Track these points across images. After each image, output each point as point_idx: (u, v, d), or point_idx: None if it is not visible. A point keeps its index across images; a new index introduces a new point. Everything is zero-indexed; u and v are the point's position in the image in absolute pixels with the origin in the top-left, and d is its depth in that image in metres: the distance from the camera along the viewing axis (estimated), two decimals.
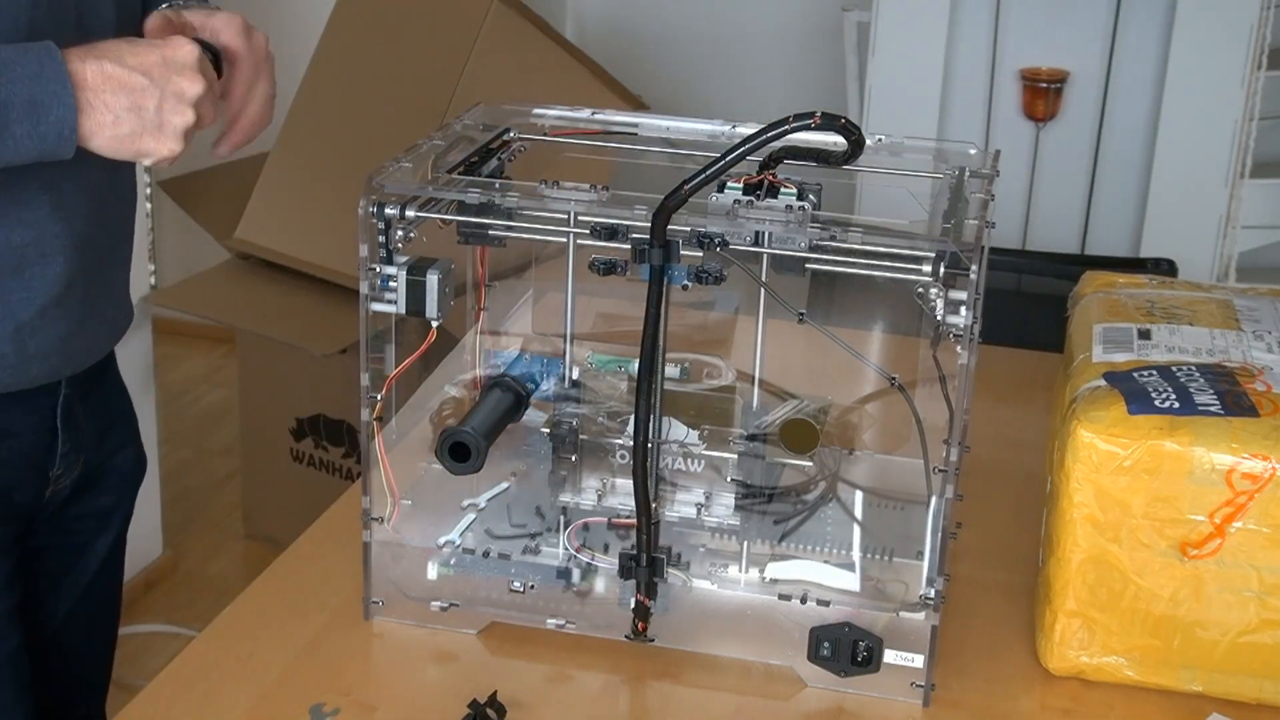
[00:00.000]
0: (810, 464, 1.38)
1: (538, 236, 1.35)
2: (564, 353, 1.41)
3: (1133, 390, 1.32)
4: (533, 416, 1.43)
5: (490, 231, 1.35)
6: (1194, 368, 1.36)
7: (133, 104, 1.22)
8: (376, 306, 1.34)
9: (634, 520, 1.32)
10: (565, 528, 1.41)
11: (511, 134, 1.52)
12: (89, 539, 1.48)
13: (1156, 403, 1.30)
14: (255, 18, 1.45)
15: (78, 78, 1.19)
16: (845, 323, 1.37)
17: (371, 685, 1.34)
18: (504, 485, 1.45)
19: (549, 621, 1.39)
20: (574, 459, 1.41)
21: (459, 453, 1.32)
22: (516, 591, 1.39)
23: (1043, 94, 3.48)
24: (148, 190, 3.32)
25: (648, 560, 1.32)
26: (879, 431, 1.49)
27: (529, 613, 1.39)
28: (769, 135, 1.21)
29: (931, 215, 1.34)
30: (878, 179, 1.48)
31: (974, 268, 1.23)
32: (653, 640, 1.36)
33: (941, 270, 1.23)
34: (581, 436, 1.41)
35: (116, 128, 1.21)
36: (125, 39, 1.26)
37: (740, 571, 1.38)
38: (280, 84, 1.49)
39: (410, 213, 1.32)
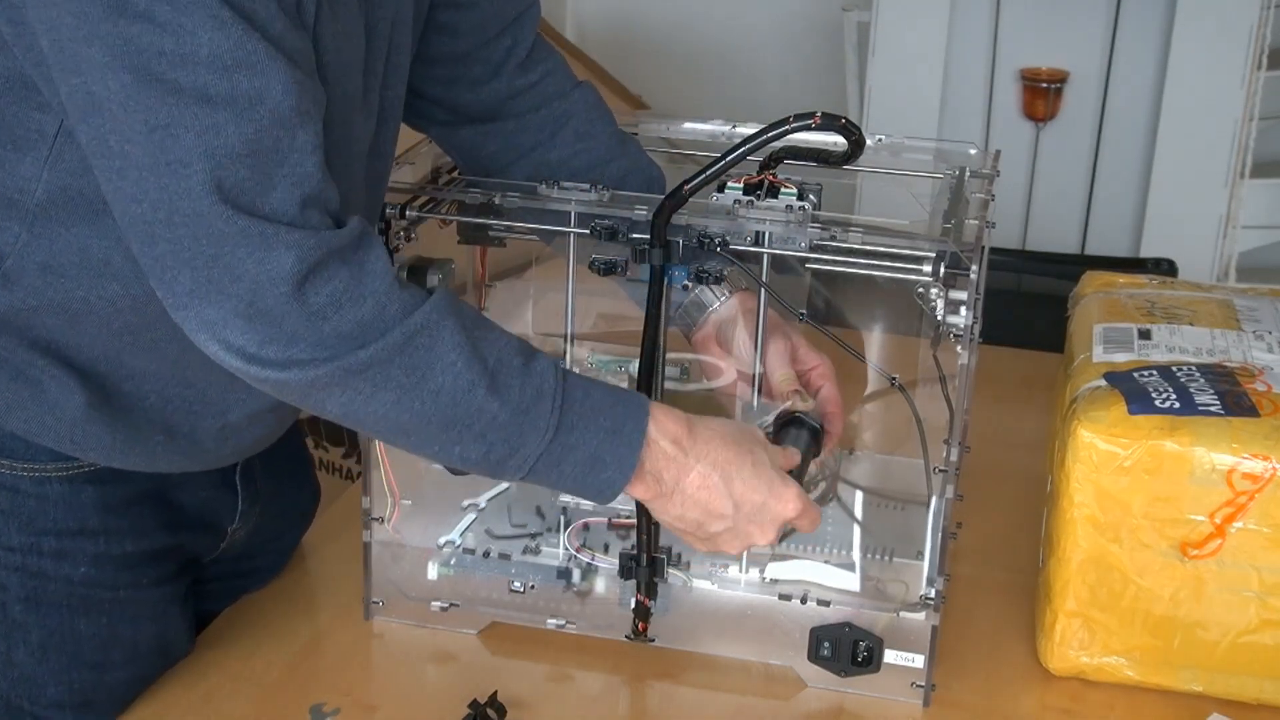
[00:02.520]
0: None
1: (538, 237, 1.34)
2: (564, 353, 1.41)
3: (1133, 390, 1.32)
4: None
5: (490, 231, 1.35)
6: (1194, 368, 1.36)
7: (703, 520, 1.19)
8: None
9: (634, 520, 1.32)
10: (565, 528, 1.41)
11: None
12: (264, 572, 1.46)
13: (1157, 403, 1.30)
14: None
15: (669, 465, 1.16)
16: (845, 323, 1.37)
17: (371, 685, 1.34)
18: (504, 485, 1.45)
19: (549, 622, 1.39)
20: None
21: None
22: (517, 592, 1.39)
23: (1043, 94, 3.48)
24: None
25: (648, 560, 1.32)
26: (879, 431, 1.49)
27: (529, 613, 1.39)
28: (769, 135, 1.21)
29: (931, 215, 1.34)
30: (878, 179, 1.48)
31: (974, 268, 1.23)
32: (653, 640, 1.36)
33: (941, 270, 1.23)
34: None
35: (677, 522, 1.20)
36: (752, 441, 1.21)
37: (740, 571, 1.38)
38: None
39: (411, 212, 1.32)
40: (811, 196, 1.34)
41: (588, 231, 1.29)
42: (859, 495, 1.46)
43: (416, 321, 1.06)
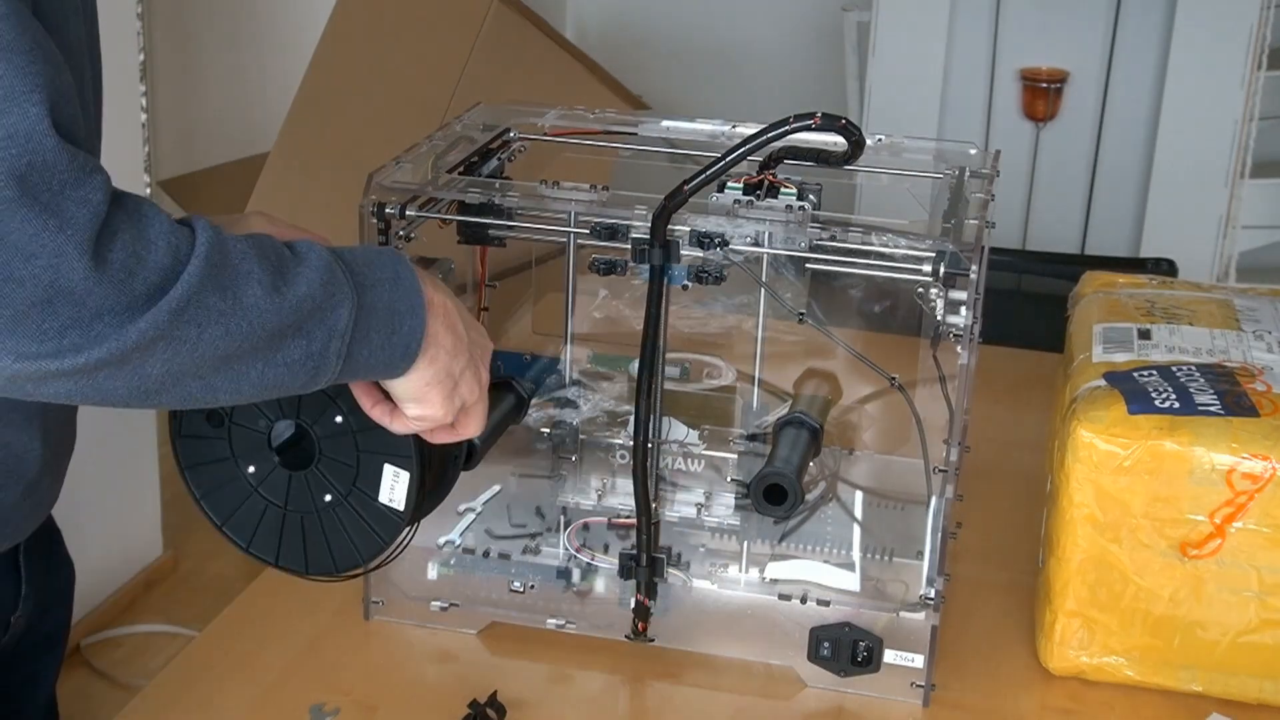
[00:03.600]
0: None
1: (538, 237, 1.35)
2: (564, 353, 1.41)
3: (1133, 390, 1.32)
4: (533, 416, 1.43)
5: (490, 231, 1.35)
6: (1194, 368, 1.36)
7: (452, 350, 1.12)
8: None
9: (634, 520, 1.32)
10: (565, 528, 1.41)
11: (511, 134, 1.52)
12: (38, 667, 1.34)
13: (1156, 403, 1.30)
14: (256, 18, 1.44)
15: (426, 297, 1.09)
16: (845, 323, 1.37)
17: (371, 685, 1.34)
18: (496, 488, 1.45)
19: (549, 621, 1.39)
20: (574, 459, 1.41)
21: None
22: (516, 591, 1.39)
23: (1043, 94, 3.49)
24: (148, 190, 3.32)
25: (648, 560, 1.33)
26: (879, 431, 1.49)
27: (529, 613, 1.39)
28: (769, 135, 1.21)
29: (931, 215, 1.34)
30: (878, 179, 1.48)
31: (974, 268, 1.23)
32: (653, 640, 1.36)
33: (941, 270, 1.23)
34: (581, 436, 1.41)
35: (434, 364, 1.11)
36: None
37: (740, 571, 1.38)
38: (280, 84, 1.49)
39: (410, 212, 1.32)
40: (811, 196, 1.34)
41: (588, 231, 1.29)
42: (859, 495, 1.46)
43: (204, 242, 0.96)
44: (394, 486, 1.18)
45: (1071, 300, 1.63)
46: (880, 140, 1.48)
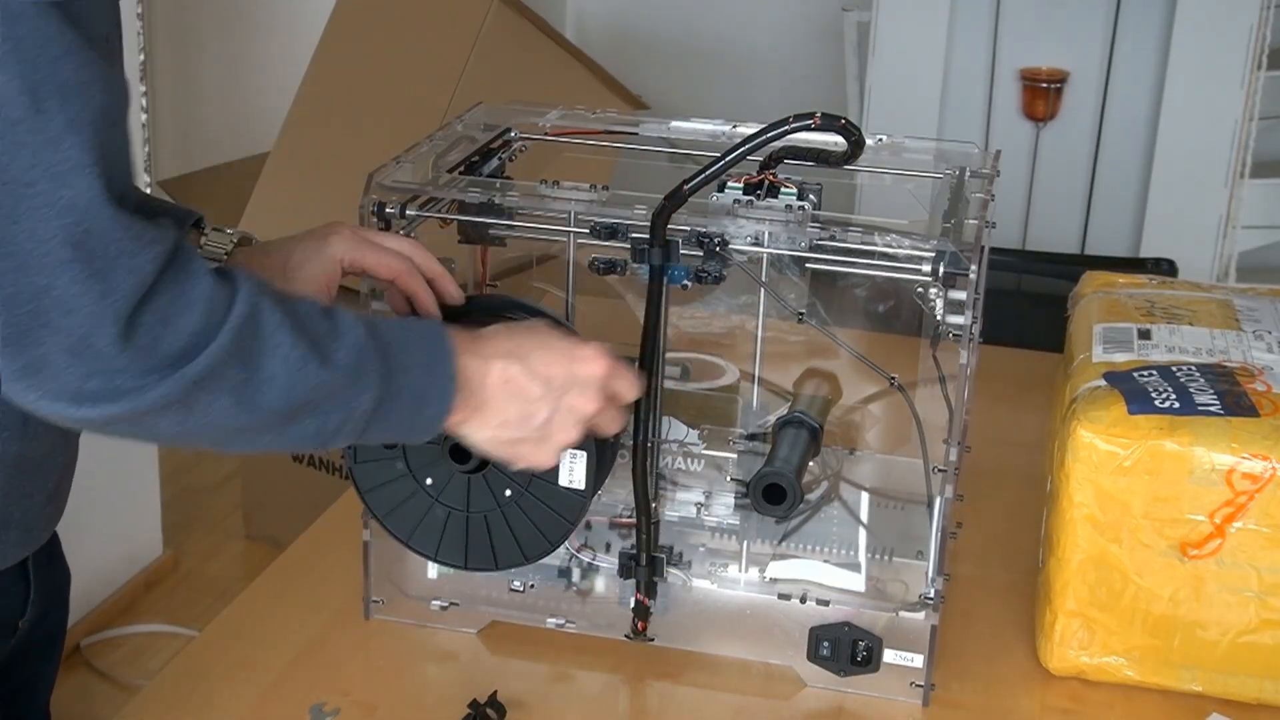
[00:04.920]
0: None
1: (538, 236, 1.35)
2: None
3: (1133, 390, 1.33)
4: None
5: (490, 231, 1.35)
6: (1194, 368, 1.36)
7: (524, 413, 1.14)
8: (377, 306, 1.34)
9: (634, 520, 1.32)
10: None
11: (512, 134, 1.52)
12: (38, 671, 1.34)
13: (1156, 403, 1.30)
14: (256, 18, 1.44)
15: (473, 375, 1.10)
16: (845, 323, 1.37)
17: (371, 685, 1.34)
18: None
19: (549, 621, 1.39)
20: None
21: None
22: (517, 591, 1.39)
23: (1043, 94, 3.49)
24: (148, 190, 3.32)
25: (648, 560, 1.33)
26: (879, 431, 1.49)
27: (529, 612, 1.39)
28: (769, 135, 1.21)
29: (931, 215, 1.34)
30: (878, 179, 1.48)
31: (974, 268, 1.23)
32: (653, 640, 1.36)
33: (941, 270, 1.24)
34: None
35: (501, 430, 1.14)
36: (536, 329, 1.17)
37: (740, 571, 1.38)
38: (280, 84, 1.49)
39: (410, 212, 1.32)
40: (811, 196, 1.34)
41: (588, 231, 1.29)
42: (864, 496, 1.46)
43: (240, 312, 0.98)
44: (573, 468, 1.24)
45: (1071, 300, 1.63)
46: (880, 140, 1.48)
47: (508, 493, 1.26)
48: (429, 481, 1.28)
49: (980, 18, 3.48)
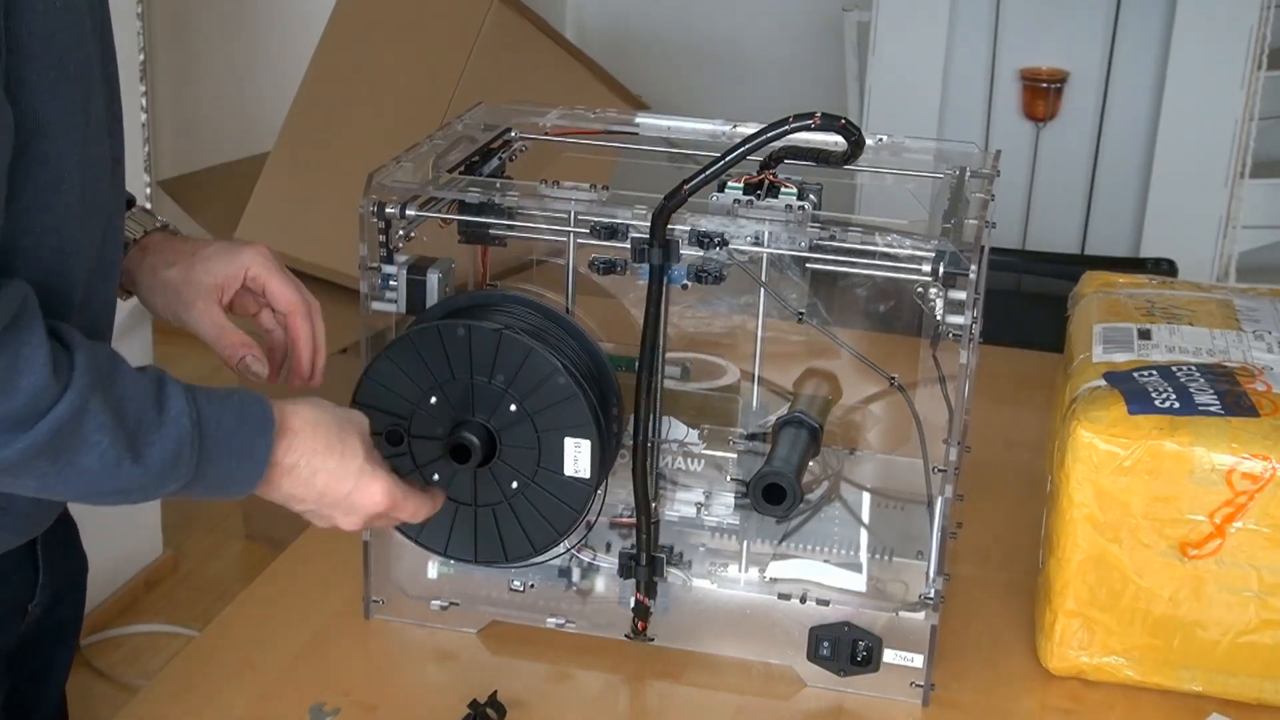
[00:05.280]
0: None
1: (538, 236, 1.35)
2: None
3: (1133, 390, 1.32)
4: None
5: (490, 231, 1.35)
6: (1194, 368, 1.36)
7: (287, 500, 1.17)
8: (377, 306, 1.34)
9: (634, 520, 1.32)
10: None
11: (512, 134, 1.52)
12: (51, 658, 1.36)
13: (1156, 403, 1.30)
14: (256, 18, 1.44)
15: (275, 466, 1.13)
16: (846, 322, 1.37)
17: (371, 685, 1.34)
18: None
19: (549, 620, 1.39)
20: None
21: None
22: (517, 590, 1.39)
23: (1043, 94, 3.48)
24: (148, 190, 3.32)
25: (648, 559, 1.33)
26: (879, 431, 1.49)
27: (529, 612, 1.39)
28: (769, 135, 1.21)
29: (931, 215, 1.34)
30: (878, 179, 1.48)
31: (974, 268, 1.23)
32: (653, 640, 1.36)
33: (941, 270, 1.24)
34: None
35: (288, 503, 1.18)
36: (348, 434, 1.17)
37: (740, 571, 1.38)
38: (280, 84, 1.49)
39: (411, 212, 1.32)
40: (811, 196, 1.35)
41: (587, 231, 1.29)
42: (865, 496, 1.46)
43: (62, 412, 1.00)
44: (577, 457, 1.26)
45: (1071, 300, 1.63)
46: (880, 140, 1.48)
47: (514, 485, 1.27)
48: (435, 477, 1.28)
49: (980, 18, 3.48)
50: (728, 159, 1.21)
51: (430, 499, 1.25)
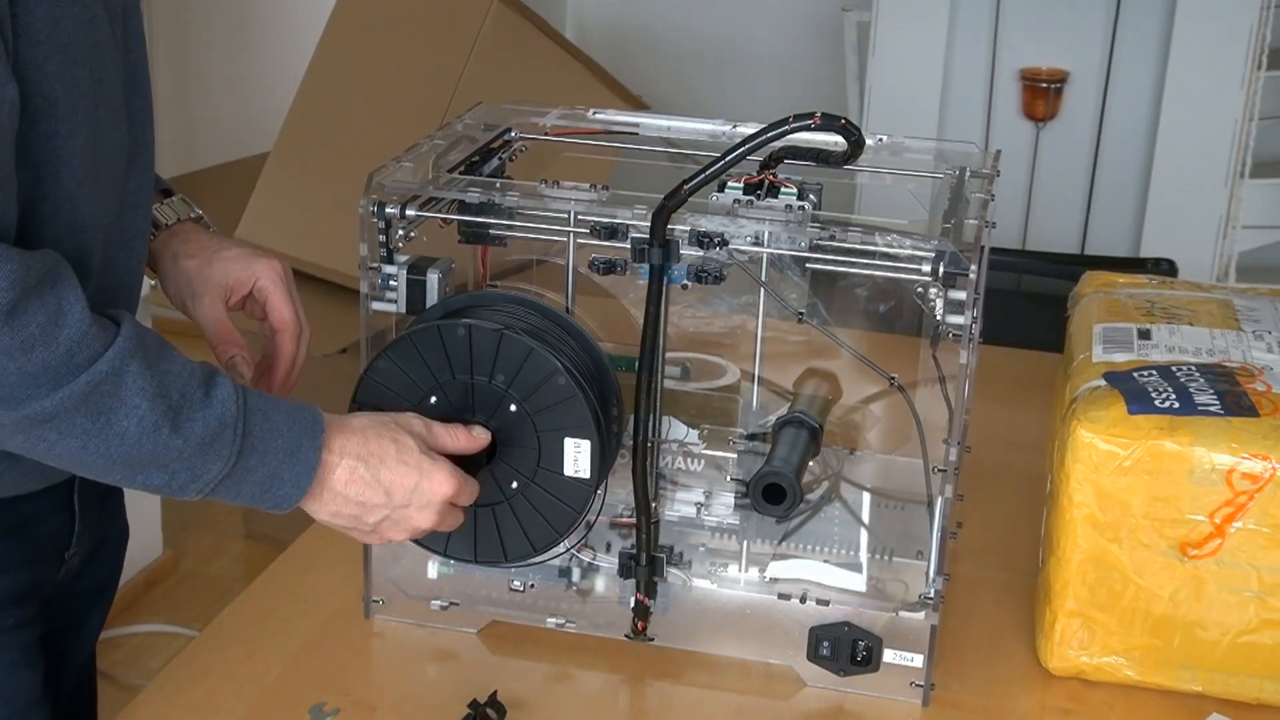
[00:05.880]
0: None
1: (538, 236, 1.35)
2: None
3: (1133, 390, 1.33)
4: None
5: (491, 231, 1.35)
6: (1194, 368, 1.36)
7: (358, 515, 1.19)
8: (377, 306, 1.34)
9: (634, 520, 1.32)
10: None
11: (512, 134, 1.52)
12: (85, 616, 1.40)
13: (1156, 403, 1.30)
14: (256, 18, 1.44)
15: (326, 466, 1.16)
16: (846, 322, 1.37)
17: (371, 685, 1.34)
18: None
19: (549, 620, 1.39)
20: None
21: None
22: (517, 590, 1.39)
23: (1043, 94, 3.48)
24: None
25: (648, 559, 1.33)
26: (879, 431, 1.49)
27: (529, 611, 1.39)
28: (769, 135, 1.21)
29: (931, 215, 1.34)
30: (878, 179, 1.48)
31: (974, 268, 1.23)
32: (653, 640, 1.36)
33: (941, 270, 1.24)
34: None
35: (334, 519, 1.20)
36: (403, 433, 1.19)
37: (740, 571, 1.38)
38: (280, 84, 1.49)
39: (411, 212, 1.32)
40: (811, 196, 1.34)
41: (588, 231, 1.29)
42: (866, 496, 1.46)
43: (102, 368, 1.04)
44: (577, 458, 1.26)
45: (1071, 300, 1.63)
46: (880, 140, 1.48)
47: (514, 485, 1.27)
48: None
49: (980, 18, 3.48)
50: (728, 159, 1.21)
51: (475, 483, 1.25)
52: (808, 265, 1.29)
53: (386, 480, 1.18)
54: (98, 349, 1.05)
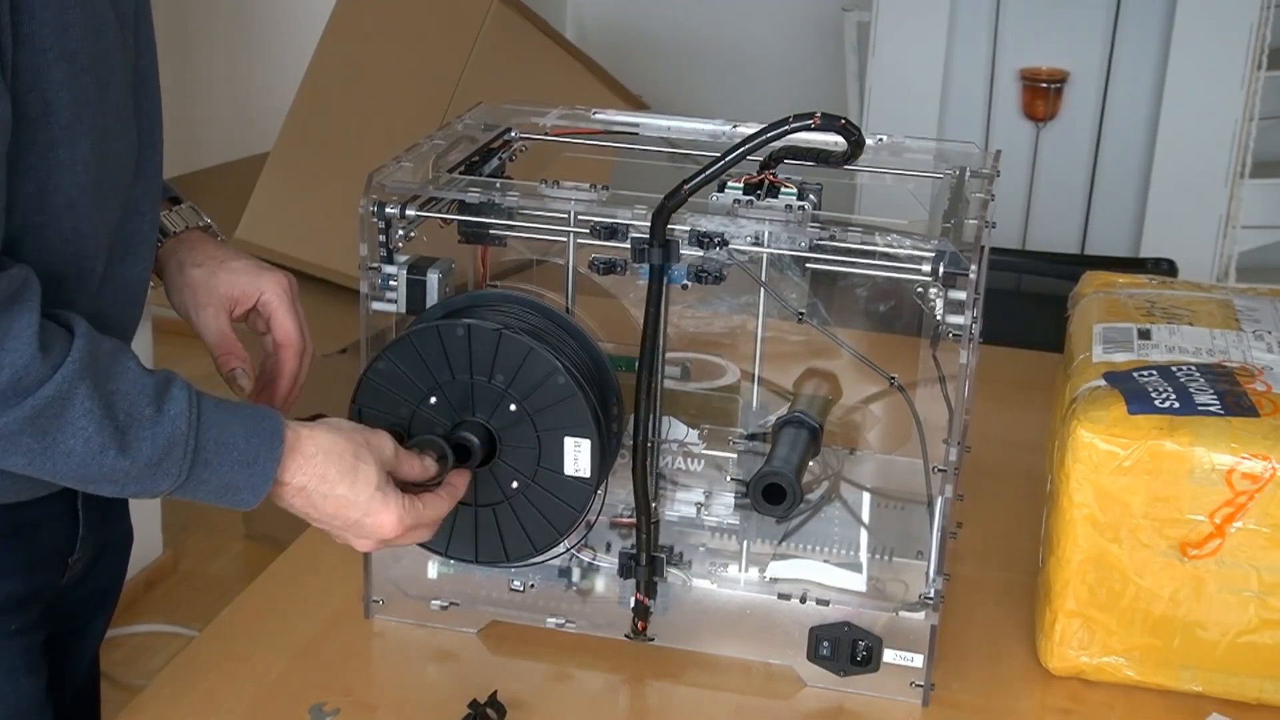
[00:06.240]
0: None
1: (538, 236, 1.35)
2: None
3: (1133, 390, 1.33)
4: None
5: (490, 231, 1.35)
6: (1194, 368, 1.36)
7: (308, 516, 1.19)
8: (377, 306, 1.34)
9: (634, 520, 1.32)
10: None
11: (512, 134, 1.52)
12: (88, 621, 1.39)
13: (1156, 403, 1.30)
14: (256, 18, 1.44)
15: (278, 482, 1.15)
16: (846, 322, 1.37)
17: (371, 685, 1.34)
18: None
19: (549, 620, 1.39)
20: None
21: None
22: (517, 590, 1.39)
23: (1043, 94, 3.49)
24: None
25: (648, 559, 1.33)
26: (879, 431, 1.49)
27: (529, 611, 1.39)
28: (769, 135, 1.21)
29: (931, 215, 1.34)
30: (878, 179, 1.48)
31: (974, 268, 1.23)
32: (653, 640, 1.36)
33: (941, 270, 1.24)
34: None
35: (307, 518, 1.19)
36: (360, 455, 1.17)
37: (740, 571, 1.38)
38: (280, 84, 1.49)
39: (411, 212, 1.32)
40: (811, 196, 1.34)
41: (588, 231, 1.29)
42: (865, 496, 1.46)
43: (48, 393, 1.04)
44: (577, 457, 1.26)
45: (1071, 300, 1.63)
46: (880, 140, 1.48)
47: (514, 484, 1.27)
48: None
49: (980, 18, 3.48)
50: (728, 159, 1.21)
51: (449, 493, 1.24)
52: (808, 265, 1.29)
53: (330, 509, 1.17)
54: (44, 374, 1.03)
